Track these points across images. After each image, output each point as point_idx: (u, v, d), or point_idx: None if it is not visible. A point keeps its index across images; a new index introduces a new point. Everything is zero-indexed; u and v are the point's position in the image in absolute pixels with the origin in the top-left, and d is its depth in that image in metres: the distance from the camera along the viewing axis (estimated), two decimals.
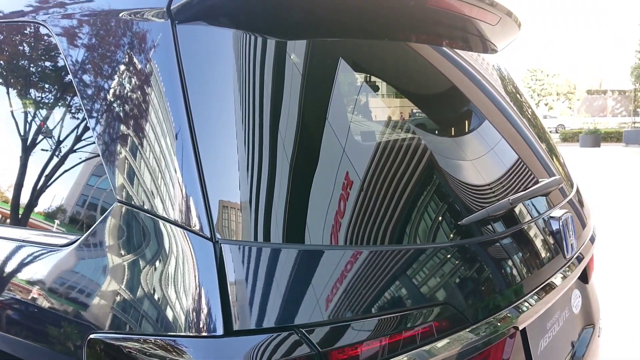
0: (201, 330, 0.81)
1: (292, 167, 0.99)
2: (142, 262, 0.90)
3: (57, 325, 0.96)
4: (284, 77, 1.06)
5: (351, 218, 0.98)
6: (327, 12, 1.15)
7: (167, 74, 0.95)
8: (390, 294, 0.94)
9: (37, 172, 1.15)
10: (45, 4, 1.22)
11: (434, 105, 1.46)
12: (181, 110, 0.92)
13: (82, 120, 1.07)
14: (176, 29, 0.97)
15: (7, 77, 1.31)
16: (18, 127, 1.24)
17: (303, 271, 0.87)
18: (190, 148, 0.90)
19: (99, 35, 1.08)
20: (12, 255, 1.12)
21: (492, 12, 1.52)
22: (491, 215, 1.16)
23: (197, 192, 0.88)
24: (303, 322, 0.83)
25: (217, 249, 0.85)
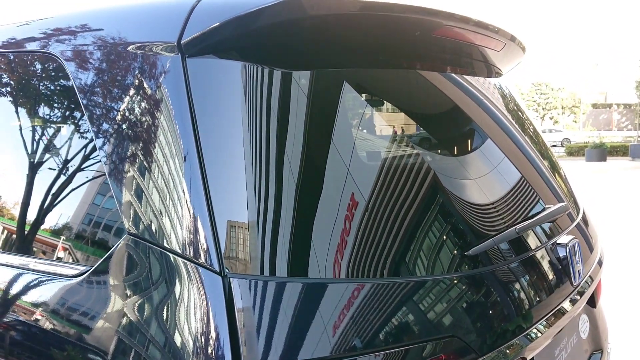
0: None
1: (298, 200, 1.00)
2: (151, 296, 0.91)
3: (67, 357, 0.97)
4: (289, 108, 1.08)
5: (357, 250, 0.99)
6: (331, 44, 1.17)
7: (177, 107, 0.97)
8: (397, 327, 0.94)
9: (49, 202, 1.17)
10: (57, 35, 1.24)
11: (440, 133, 1.47)
12: (191, 144, 0.94)
13: (93, 151, 1.09)
14: (186, 62, 0.99)
15: (19, 107, 1.33)
16: (29, 156, 1.26)
17: (310, 305, 0.88)
18: (200, 184, 0.92)
19: (109, 66, 1.10)
20: (22, 284, 1.13)
21: (497, 39, 1.53)
22: (497, 244, 1.16)
23: (207, 226, 0.89)
24: (311, 357, 0.84)
25: (226, 283, 0.86)
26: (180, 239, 0.91)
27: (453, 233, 1.16)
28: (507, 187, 1.42)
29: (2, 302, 1.15)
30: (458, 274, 1.08)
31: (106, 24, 1.17)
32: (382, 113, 1.41)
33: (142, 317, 0.90)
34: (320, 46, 1.17)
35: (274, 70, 1.08)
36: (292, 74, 1.10)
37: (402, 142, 1.37)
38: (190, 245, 0.90)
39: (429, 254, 1.09)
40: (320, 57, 1.18)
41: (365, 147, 1.28)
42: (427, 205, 1.16)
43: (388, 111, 1.43)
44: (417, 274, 1.04)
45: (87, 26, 1.20)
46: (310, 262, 0.93)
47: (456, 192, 1.25)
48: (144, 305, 0.91)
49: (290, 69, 1.11)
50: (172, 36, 1.01)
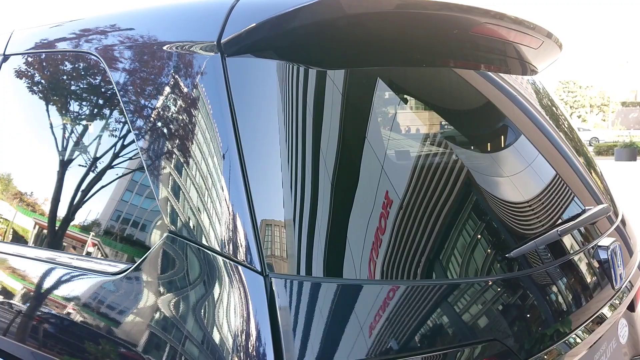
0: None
1: (336, 199, 1.00)
2: (192, 294, 0.92)
3: (108, 353, 0.98)
4: (325, 107, 1.08)
5: (396, 252, 0.98)
6: (367, 43, 1.17)
7: (217, 105, 0.98)
8: (437, 330, 0.93)
9: (90, 201, 1.19)
10: (97, 35, 1.26)
11: (476, 132, 1.45)
12: (232, 143, 0.95)
13: (133, 150, 1.10)
14: (226, 61, 1.00)
15: (62, 108, 1.35)
16: (69, 155, 1.28)
17: (350, 307, 0.87)
18: (240, 182, 0.92)
19: (149, 66, 1.11)
20: (65, 281, 1.15)
21: (534, 36, 1.50)
22: (539, 247, 1.14)
23: (248, 225, 0.89)
24: (352, 359, 0.83)
25: (268, 283, 0.86)
26: (221, 238, 0.91)
27: (492, 234, 1.14)
28: (545, 187, 1.39)
29: (46, 298, 1.17)
30: (498, 277, 1.06)
31: (145, 24, 1.19)
32: (417, 112, 1.39)
33: (182, 314, 0.91)
34: (356, 45, 1.17)
35: (310, 69, 1.08)
36: (329, 73, 1.10)
37: (437, 140, 1.35)
38: (231, 244, 0.90)
39: (467, 255, 1.07)
40: (357, 55, 1.18)
41: (400, 146, 1.26)
42: (464, 205, 1.15)
43: (423, 110, 1.41)
44: (456, 276, 1.02)
45: (126, 26, 1.21)
46: (351, 263, 0.92)
47: (493, 191, 1.23)
48: (184, 303, 0.92)
49: (327, 67, 1.11)
50: (212, 35, 1.02)
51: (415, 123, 1.38)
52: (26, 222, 1.33)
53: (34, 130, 1.39)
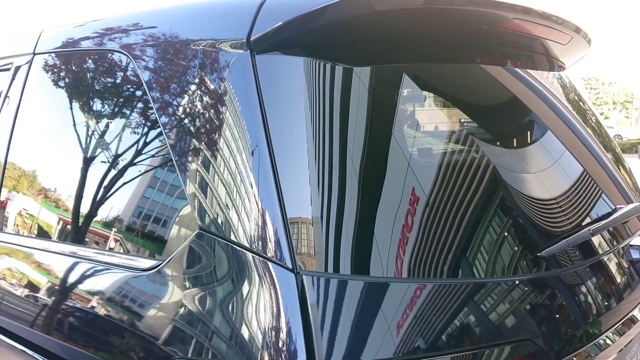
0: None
1: (367, 197, 1.00)
2: (223, 290, 0.92)
3: (140, 348, 0.99)
4: (354, 104, 1.08)
5: (429, 250, 0.98)
6: (393, 40, 1.16)
7: (247, 102, 0.98)
8: (468, 329, 0.92)
9: (122, 199, 1.20)
10: (127, 33, 1.27)
11: (505, 130, 1.43)
12: (262, 140, 0.95)
13: (164, 148, 1.11)
14: (255, 59, 1.00)
15: (93, 106, 1.37)
16: (99, 153, 1.29)
17: (381, 305, 0.87)
18: (271, 180, 0.92)
19: (179, 63, 1.12)
20: (97, 276, 1.17)
21: (563, 31, 1.48)
22: (570, 246, 1.12)
23: (279, 223, 0.90)
24: (385, 357, 0.83)
25: (299, 280, 0.86)
26: (251, 235, 0.92)
27: (521, 232, 1.13)
28: (573, 185, 1.36)
29: (78, 294, 1.19)
30: (528, 276, 1.05)
31: (174, 22, 1.20)
32: (443, 109, 1.38)
33: (212, 310, 0.92)
34: (383, 42, 1.16)
35: (337, 65, 1.08)
36: (355, 70, 1.10)
37: (463, 137, 1.34)
38: (262, 241, 0.90)
39: (497, 254, 1.06)
40: (383, 52, 1.18)
41: (426, 143, 1.26)
42: (492, 203, 1.13)
43: (449, 107, 1.40)
44: (485, 275, 1.01)
45: (155, 24, 1.22)
46: (380, 261, 0.92)
47: (522, 189, 1.21)
48: (214, 299, 0.92)
49: (354, 64, 1.10)
50: (242, 33, 1.02)
51: (441, 120, 1.37)
52: (60, 220, 1.35)
53: (65, 127, 1.41)
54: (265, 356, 0.84)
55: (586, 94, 2.26)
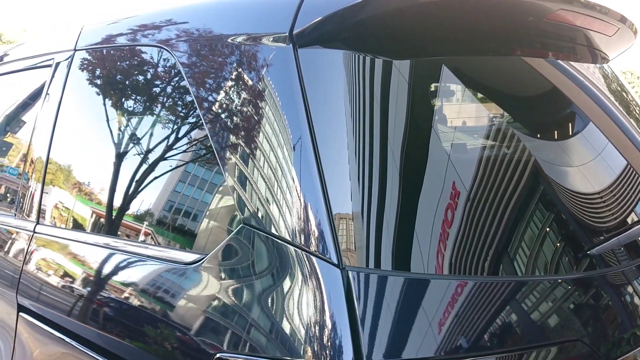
0: (331, 359, 0.81)
1: (411, 192, 0.99)
2: (267, 285, 0.92)
3: (184, 342, 1.00)
4: (396, 98, 1.07)
5: (480, 248, 0.97)
6: (434, 32, 1.15)
7: (291, 96, 0.98)
8: (518, 329, 0.91)
9: (163, 191, 1.21)
10: (168, 28, 1.28)
11: (547, 124, 1.39)
12: (305, 134, 0.95)
13: (206, 142, 1.11)
14: (298, 52, 1.00)
15: (134, 101, 1.39)
16: (144, 146, 1.31)
17: (429, 302, 0.86)
18: (315, 175, 0.92)
19: (220, 58, 1.13)
20: (140, 270, 1.18)
21: (610, 22, 1.43)
22: (622, 244, 1.09)
23: (324, 218, 0.89)
24: (433, 355, 0.81)
25: (345, 276, 0.85)
26: (296, 230, 0.91)
27: (567, 229, 1.10)
28: (620, 179, 1.32)
29: (121, 286, 1.21)
30: (577, 275, 1.02)
31: (215, 16, 1.20)
32: (486, 102, 1.35)
33: (256, 305, 0.92)
34: (424, 34, 1.14)
35: (378, 59, 1.07)
36: (396, 63, 1.09)
37: (505, 131, 1.31)
38: (307, 236, 0.90)
39: (543, 252, 1.04)
40: (421, 46, 1.16)
41: (467, 137, 1.24)
42: (537, 199, 1.11)
43: (492, 100, 1.37)
44: (532, 273, 0.99)
45: (197, 19, 1.23)
46: (426, 258, 0.91)
47: (568, 185, 1.18)
48: (258, 293, 0.92)
49: (395, 57, 1.09)
50: (284, 27, 1.02)
51: (482, 113, 1.34)
52: (106, 215, 1.37)
53: (108, 123, 1.43)
54: (308, 351, 0.84)
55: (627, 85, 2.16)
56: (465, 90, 1.31)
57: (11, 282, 1.55)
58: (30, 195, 1.63)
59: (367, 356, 0.79)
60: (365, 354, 0.79)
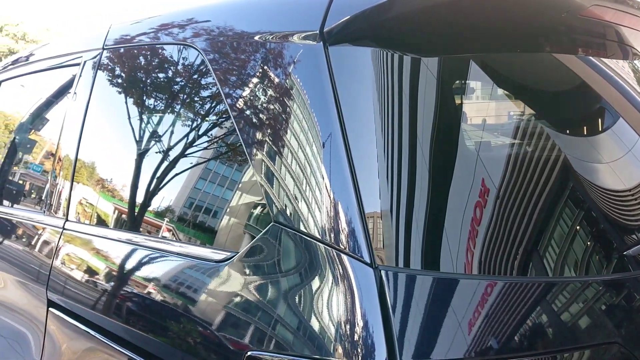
0: (364, 359, 0.81)
1: (438, 189, 0.98)
2: (298, 284, 0.92)
3: (215, 340, 1.00)
4: (417, 95, 1.06)
5: (515, 248, 0.96)
6: (463, 30, 1.13)
7: (322, 94, 0.98)
8: (550, 330, 0.89)
9: (192, 189, 1.22)
10: (197, 27, 1.29)
11: (577, 118, 1.37)
12: (337, 132, 0.95)
13: (236, 141, 1.12)
14: (328, 50, 1.00)
15: (163, 100, 1.40)
16: (172, 144, 1.32)
17: (464, 302, 0.85)
18: (347, 173, 0.92)
19: (249, 56, 1.13)
20: (170, 267, 1.19)
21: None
22: None
23: (356, 217, 0.89)
24: (467, 356, 0.80)
25: (377, 275, 0.85)
26: (328, 229, 0.91)
27: (600, 229, 1.08)
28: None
29: (151, 284, 1.22)
30: (613, 276, 1.00)
31: (244, 14, 1.20)
32: (516, 99, 1.34)
33: (288, 304, 0.92)
34: (455, 31, 1.13)
35: (407, 56, 1.07)
36: (425, 61, 1.08)
37: (536, 128, 1.29)
38: (338, 235, 0.90)
39: (573, 252, 1.02)
40: (450, 43, 1.15)
41: (497, 135, 1.22)
42: (569, 197, 1.09)
43: (522, 97, 1.35)
44: (564, 273, 0.98)
45: (224, 17, 1.23)
46: (462, 257, 0.90)
47: (599, 182, 1.16)
48: (290, 292, 0.92)
49: (425, 55, 1.08)
50: (314, 25, 1.02)
51: (512, 111, 1.32)
52: (134, 212, 1.39)
53: (137, 121, 1.45)
54: (339, 349, 0.83)
55: None
56: (494, 87, 1.30)
57: (41, 278, 1.58)
58: (60, 193, 1.66)
59: (400, 356, 0.79)
60: (398, 355, 0.79)
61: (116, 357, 1.26)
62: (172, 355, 1.10)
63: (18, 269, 1.76)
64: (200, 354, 1.03)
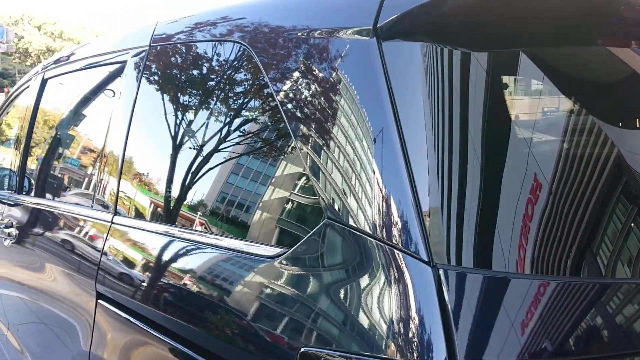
0: (420, 357, 0.80)
1: (491, 186, 0.96)
2: (354, 281, 0.92)
3: (267, 335, 1.01)
4: (468, 88, 1.05)
5: (583, 247, 0.93)
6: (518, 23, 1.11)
7: (376, 91, 0.97)
8: (609, 334, 0.87)
9: (248, 187, 1.23)
10: (245, 23, 1.30)
11: (631, 112, 1.33)
12: (392, 128, 0.94)
13: (287, 136, 1.12)
14: (382, 46, 1.00)
15: (211, 97, 1.41)
16: (220, 141, 1.33)
17: (525, 303, 0.83)
18: (403, 169, 0.91)
19: (301, 52, 1.13)
20: (221, 263, 1.21)
21: None
22: None
23: (412, 213, 0.88)
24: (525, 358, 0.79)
25: (435, 273, 0.84)
26: (383, 226, 0.90)
27: None
28: None
29: (200, 278, 1.24)
30: None
31: (294, 10, 1.20)
32: (568, 94, 1.30)
33: (341, 301, 0.91)
34: (507, 25, 1.11)
35: (458, 51, 1.05)
36: (477, 55, 1.06)
37: (590, 123, 1.26)
38: (394, 232, 0.89)
39: (629, 251, 0.99)
40: (501, 37, 1.13)
41: (550, 130, 1.20)
42: (624, 195, 1.06)
43: (574, 91, 1.32)
44: (620, 274, 0.95)
45: (275, 13, 1.24)
46: (524, 257, 0.88)
47: None
48: (345, 290, 0.92)
49: (476, 50, 1.07)
50: (368, 20, 1.01)
51: (564, 105, 1.29)
52: (183, 207, 1.41)
53: (186, 119, 1.46)
54: (393, 347, 0.83)
55: None
56: (546, 82, 1.27)
57: (90, 270, 1.62)
58: (108, 188, 1.70)
59: (461, 357, 0.78)
60: (459, 355, 0.78)
61: (164, 349, 1.29)
62: (222, 349, 1.11)
63: (67, 262, 1.81)
64: (252, 349, 1.04)
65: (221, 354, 1.12)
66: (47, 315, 2.02)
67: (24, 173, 2.54)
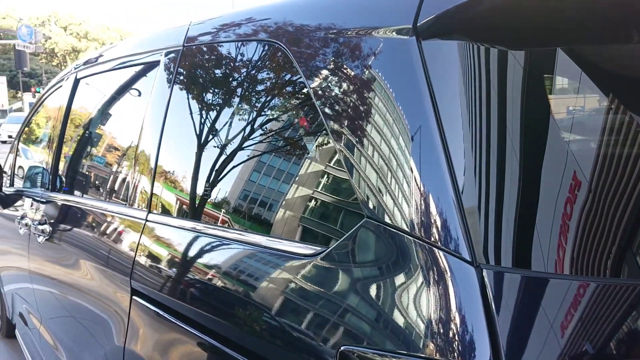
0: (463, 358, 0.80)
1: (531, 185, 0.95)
2: (394, 280, 0.92)
3: (306, 334, 1.02)
4: (506, 86, 1.04)
5: (603, 245, 0.91)
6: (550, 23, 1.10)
7: (417, 91, 0.97)
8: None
9: (287, 185, 1.23)
10: (281, 23, 1.30)
11: None
12: (433, 127, 0.94)
13: (326, 135, 1.12)
14: (421, 45, 0.99)
15: (246, 96, 1.42)
16: (255, 140, 1.34)
17: (572, 304, 0.82)
18: (444, 167, 0.90)
19: (338, 52, 1.13)
20: (259, 261, 1.22)
21: None
22: None
23: (455, 213, 0.87)
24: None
25: (479, 274, 0.83)
26: (426, 225, 0.90)
27: None
28: None
29: (235, 276, 1.25)
30: None
31: (330, 9, 1.20)
32: (607, 92, 1.28)
33: (382, 301, 0.91)
34: (546, 22, 1.10)
35: (495, 49, 1.04)
36: (515, 54, 1.05)
37: (629, 121, 1.23)
38: (436, 231, 0.89)
39: None
40: (537, 35, 1.11)
41: (589, 129, 1.18)
42: None
43: (613, 90, 1.29)
44: None
45: (310, 12, 1.24)
46: (573, 258, 0.86)
47: None
48: (384, 289, 0.92)
49: (515, 48, 1.06)
50: (408, 19, 1.01)
51: (603, 103, 1.27)
52: (217, 205, 1.42)
53: (220, 119, 1.48)
54: (433, 347, 0.83)
55: None
56: (584, 80, 1.25)
57: (125, 267, 1.65)
58: (143, 186, 1.72)
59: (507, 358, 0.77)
60: (504, 358, 0.77)
61: (200, 346, 1.30)
62: (259, 347, 1.12)
63: (102, 258, 1.85)
64: (290, 347, 1.04)
65: (258, 350, 1.13)
66: (81, 311, 2.06)
67: (57, 171, 2.60)
